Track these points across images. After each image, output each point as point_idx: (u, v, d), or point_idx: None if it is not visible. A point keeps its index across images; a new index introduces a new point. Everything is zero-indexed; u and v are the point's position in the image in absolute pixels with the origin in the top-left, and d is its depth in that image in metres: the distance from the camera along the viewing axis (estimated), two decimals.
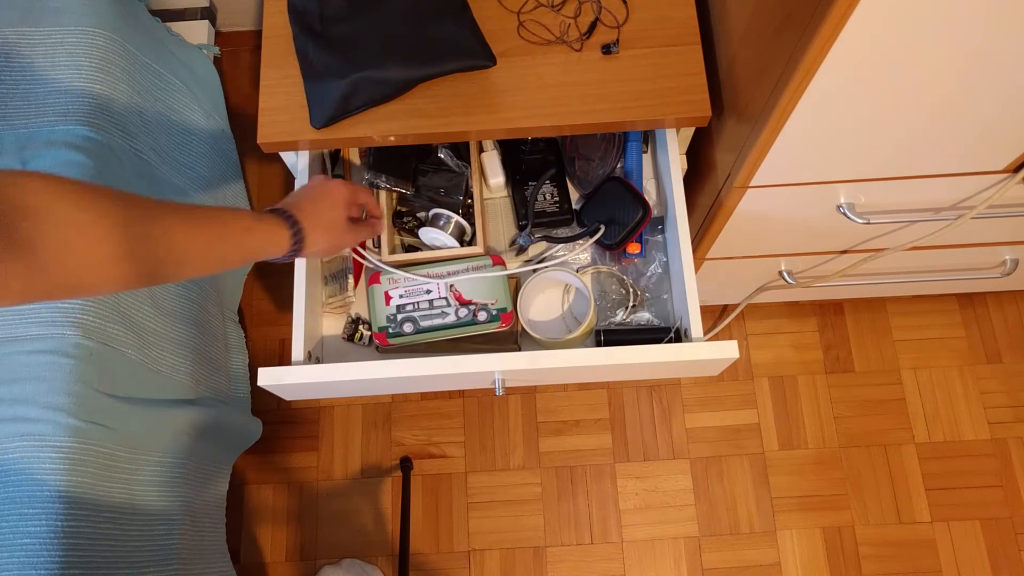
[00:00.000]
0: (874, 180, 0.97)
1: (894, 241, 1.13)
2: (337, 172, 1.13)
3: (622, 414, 1.57)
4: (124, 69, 1.24)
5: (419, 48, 0.97)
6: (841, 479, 1.52)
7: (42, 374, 0.99)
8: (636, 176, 1.09)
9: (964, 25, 0.67)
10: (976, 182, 0.98)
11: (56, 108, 1.15)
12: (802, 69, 0.72)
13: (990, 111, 0.82)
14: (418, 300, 1.04)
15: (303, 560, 1.51)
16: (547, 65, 1.01)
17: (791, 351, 1.61)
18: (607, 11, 1.03)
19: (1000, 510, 1.50)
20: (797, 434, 1.56)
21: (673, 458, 1.55)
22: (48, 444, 0.97)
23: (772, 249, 1.21)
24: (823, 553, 1.49)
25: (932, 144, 0.89)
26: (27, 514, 0.94)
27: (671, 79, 0.99)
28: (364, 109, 0.98)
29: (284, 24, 1.04)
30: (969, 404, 1.56)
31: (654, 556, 1.49)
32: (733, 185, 0.99)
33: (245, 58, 1.78)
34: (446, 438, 1.57)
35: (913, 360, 1.59)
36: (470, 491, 1.54)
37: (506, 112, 0.99)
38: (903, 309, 1.62)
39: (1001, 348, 1.59)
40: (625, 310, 1.07)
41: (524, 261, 1.10)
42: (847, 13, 0.64)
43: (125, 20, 1.27)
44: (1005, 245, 1.21)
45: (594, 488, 1.53)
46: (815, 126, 0.83)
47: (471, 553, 1.50)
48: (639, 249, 1.06)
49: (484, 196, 1.12)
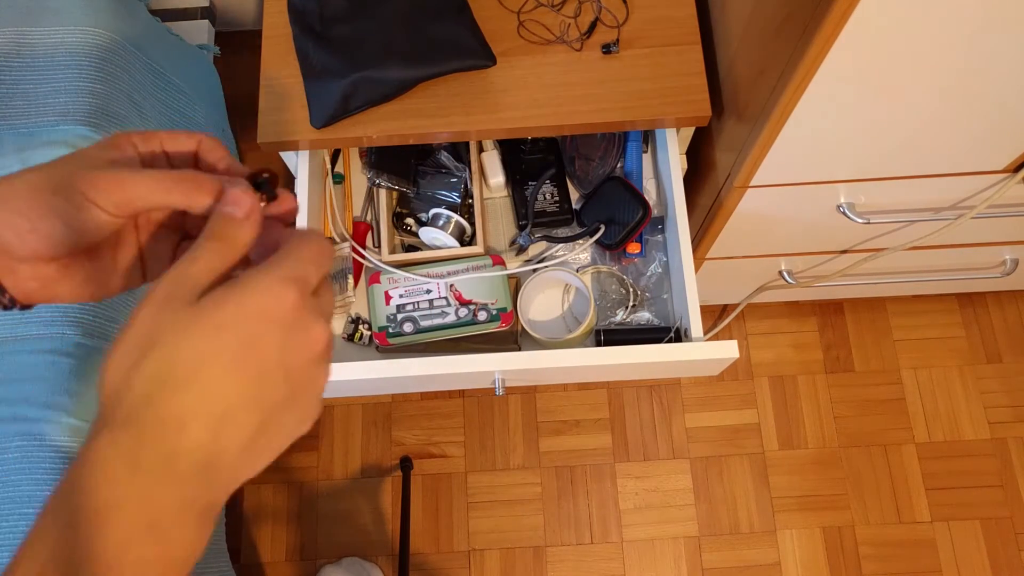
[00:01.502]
0: (874, 180, 0.97)
1: (894, 241, 1.13)
2: (337, 172, 1.14)
3: (622, 414, 1.57)
4: (124, 69, 1.24)
5: (419, 48, 0.97)
6: (841, 479, 1.52)
7: (42, 374, 0.99)
8: (636, 176, 1.09)
9: (964, 25, 0.67)
10: (976, 182, 0.98)
11: (56, 108, 1.15)
12: (802, 69, 0.72)
13: (990, 111, 0.82)
14: (418, 300, 1.04)
15: (303, 560, 1.50)
16: (547, 65, 1.01)
17: (791, 351, 1.61)
18: (607, 11, 1.03)
19: (1000, 510, 1.50)
20: (797, 434, 1.56)
21: (673, 458, 1.55)
22: (48, 444, 0.97)
23: (772, 249, 1.21)
24: (823, 553, 1.49)
25: (932, 144, 0.88)
26: (27, 514, 0.94)
27: (671, 79, 0.99)
28: (364, 109, 0.98)
29: (284, 24, 1.04)
30: (969, 404, 1.56)
31: (654, 556, 1.49)
32: (733, 185, 0.99)
33: (245, 58, 1.77)
34: (446, 438, 1.57)
35: (913, 360, 1.59)
36: (470, 491, 1.54)
37: (506, 112, 0.99)
38: (903, 309, 1.62)
39: (1001, 348, 1.59)
40: (625, 310, 1.07)
41: (524, 261, 1.10)
42: (847, 13, 0.64)
43: (125, 20, 1.27)
44: (1005, 245, 1.21)
45: (594, 488, 1.53)
46: (815, 126, 0.83)
47: (471, 553, 1.50)
48: (639, 249, 1.06)
49: (484, 196, 1.12)
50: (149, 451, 0.31)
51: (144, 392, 0.31)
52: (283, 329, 0.33)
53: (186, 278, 0.33)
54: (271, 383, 0.33)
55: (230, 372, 0.32)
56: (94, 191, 0.36)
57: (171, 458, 0.31)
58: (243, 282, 0.33)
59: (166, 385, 0.31)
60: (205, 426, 0.32)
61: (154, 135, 0.40)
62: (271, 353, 0.33)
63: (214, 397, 0.32)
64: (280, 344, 0.33)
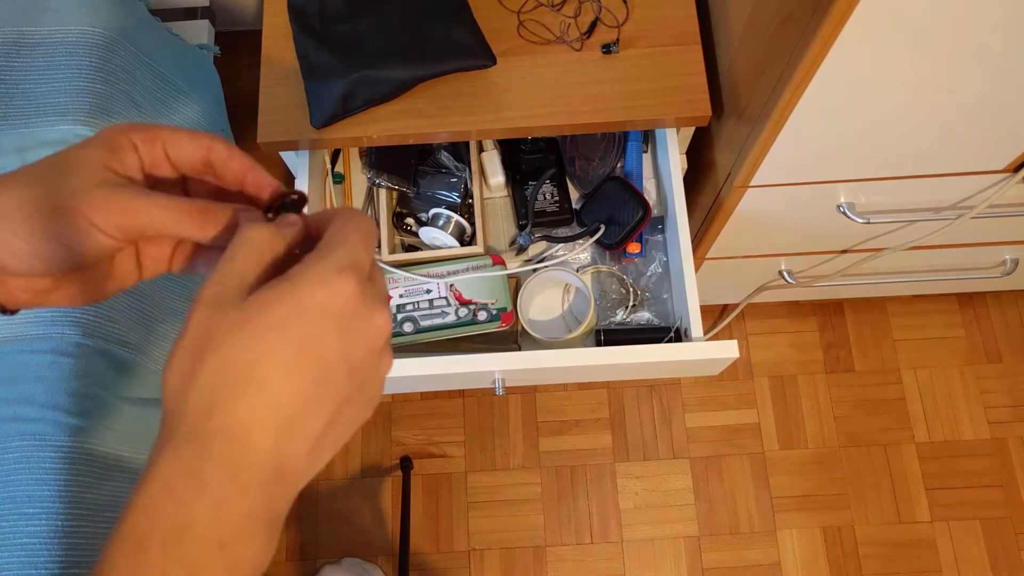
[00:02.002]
0: (874, 180, 0.97)
1: (894, 241, 1.13)
2: (337, 172, 1.13)
3: (622, 414, 1.57)
4: (124, 68, 1.24)
5: (419, 48, 0.97)
6: (841, 479, 1.52)
7: (42, 374, 0.99)
8: (636, 176, 1.09)
9: (964, 25, 0.67)
10: (976, 182, 0.98)
11: (56, 108, 1.15)
12: (802, 69, 0.72)
13: (990, 111, 0.82)
14: (418, 300, 1.04)
15: (303, 560, 1.50)
16: (547, 65, 1.01)
17: (791, 351, 1.61)
18: (607, 11, 1.03)
19: (1000, 510, 1.50)
20: (797, 434, 1.56)
21: (673, 458, 1.55)
22: (48, 444, 0.97)
23: (772, 249, 1.21)
24: (823, 553, 1.49)
25: (932, 144, 0.88)
26: (27, 514, 0.94)
27: (671, 79, 0.99)
28: (364, 109, 0.98)
29: (284, 24, 1.04)
30: (969, 404, 1.56)
31: (654, 556, 1.49)
32: (733, 185, 0.99)
33: (245, 58, 1.77)
34: (446, 438, 1.57)
35: (913, 360, 1.59)
36: (470, 491, 1.54)
37: (506, 112, 0.99)
38: (903, 309, 1.62)
39: (1001, 348, 1.59)
40: (625, 310, 1.07)
41: (524, 261, 1.10)
42: (847, 13, 0.64)
43: (125, 20, 1.27)
44: (1005, 245, 1.21)
45: (594, 488, 1.53)
46: (815, 126, 0.83)
47: (471, 553, 1.50)
48: (639, 249, 1.06)
49: (484, 196, 1.12)
50: (214, 467, 0.29)
51: (202, 403, 0.30)
52: (343, 322, 0.31)
53: (231, 276, 0.31)
54: (335, 381, 0.31)
55: (291, 374, 0.30)
56: (99, 216, 0.34)
57: (237, 472, 0.30)
58: (296, 276, 0.31)
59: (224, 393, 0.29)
60: (270, 434, 0.30)
61: (155, 135, 0.37)
62: (333, 350, 0.31)
63: (276, 402, 0.30)
64: (341, 339, 0.31)
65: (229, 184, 0.39)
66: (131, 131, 0.37)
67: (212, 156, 0.38)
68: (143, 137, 0.37)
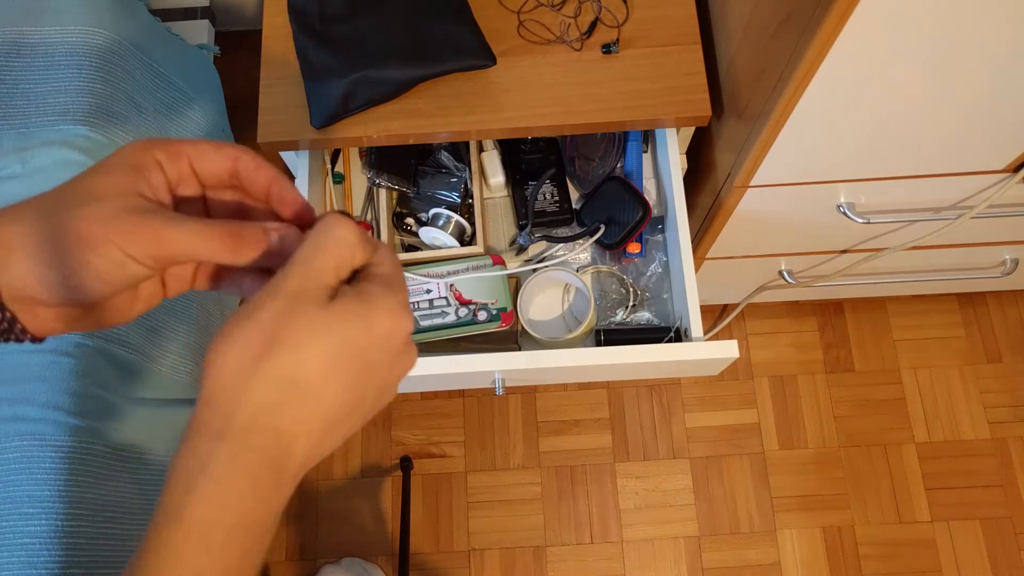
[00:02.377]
0: (874, 180, 0.97)
1: (894, 241, 1.13)
2: (337, 172, 1.14)
3: (622, 414, 1.57)
4: (124, 68, 1.24)
5: (419, 48, 0.97)
6: (841, 479, 1.52)
7: (42, 374, 0.99)
8: (636, 176, 1.09)
9: (964, 24, 0.67)
10: (976, 182, 0.98)
11: (56, 108, 1.15)
12: (802, 69, 0.72)
13: (990, 111, 0.82)
14: (418, 300, 1.04)
15: (303, 559, 1.51)
16: (547, 65, 1.01)
17: (791, 351, 1.61)
18: (607, 11, 1.03)
19: (1000, 510, 1.50)
20: (797, 434, 1.56)
21: (673, 458, 1.55)
22: (48, 444, 0.97)
23: (772, 249, 1.21)
24: (823, 553, 1.49)
25: (932, 144, 0.88)
26: (27, 514, 0.94)
27: (671, 79, 0.99)
28: (364, 109, 0.98)
29: (284, 24, 1.04)
30: (969, 404, 1.56)
31: (654, 556, 1.49)
32: (733, 185, 0.99)
33: (245, 58, 1.77)
34: (446, 438, 1.57)
35: (913, 360, 1.59)
36: (470, 491, 1.54)
37: (506, 112, 0.99)
38: (903, 309, 1.62)
39: (1001, 348, 1.59)
40: (625, 310, 1.07)
41: (524, 261, 1.10)
42: (847, 12, 0.64)
43: (125, 19, 1.27)
44: (1005, 245, 1.21)
45: (594, 488, 1.53)
46: (815, 126, 0.83)
47: (471, 552, 1.50)
48: (639, 249, 1.06)
49: (484, 196, 1.12)
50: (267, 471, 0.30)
51: (268, 399, 0.30)
52: (395, 355, 0.34)
53: (317, 273, 0.32)
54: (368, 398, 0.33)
55: (343, 391, 0.32)
56: (133, 246, 0.34)
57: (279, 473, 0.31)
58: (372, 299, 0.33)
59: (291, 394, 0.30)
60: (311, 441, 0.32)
61: (179, 151, 0.36)
62: (380, 375, 0.33)
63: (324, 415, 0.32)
64: (390, 370, 0.34)
65: (255, 196, 0.38)
66: (154, 148, 0.36)
67: (239, 167, 0.37)
68: (167, 154, 0.36)
